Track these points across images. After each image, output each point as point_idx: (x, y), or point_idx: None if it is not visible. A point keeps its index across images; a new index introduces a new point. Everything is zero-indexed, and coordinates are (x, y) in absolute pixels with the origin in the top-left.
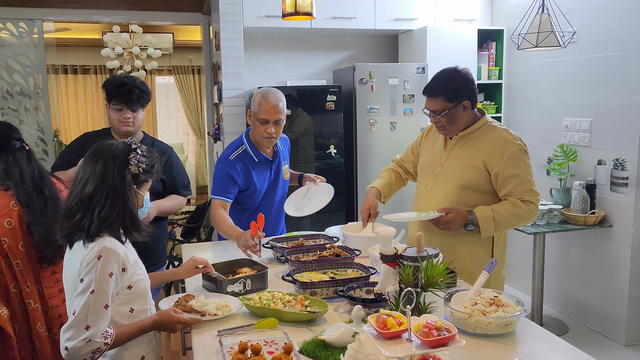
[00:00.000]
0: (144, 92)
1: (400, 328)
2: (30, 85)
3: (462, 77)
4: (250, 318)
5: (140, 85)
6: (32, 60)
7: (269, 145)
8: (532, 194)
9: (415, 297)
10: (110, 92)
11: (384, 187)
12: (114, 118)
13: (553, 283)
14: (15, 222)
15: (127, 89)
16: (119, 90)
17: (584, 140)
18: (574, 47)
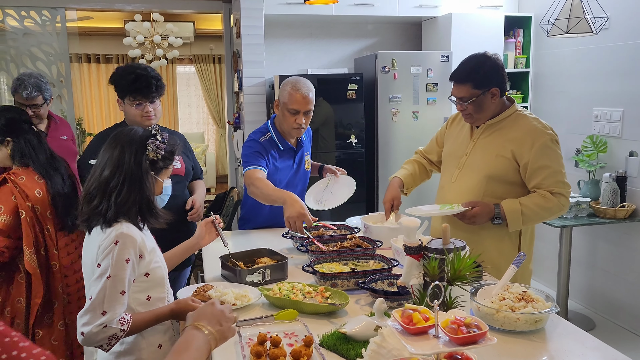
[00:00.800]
0: (159, 81)
1: (427, 324)
2: (54, 73)
3: (492, 62)
4: (269, 309)
5: (155, 74)
6: (55, 48)
7: (296, 136)
8: (562, 185)
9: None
10: (125, 88)
11: (407, 178)
12: (134, 114)
13: (579, 278)
14: (44, 192)
15: (145, 82)
16: (135, 85)
17: (614, 131)
18: (606, 33)
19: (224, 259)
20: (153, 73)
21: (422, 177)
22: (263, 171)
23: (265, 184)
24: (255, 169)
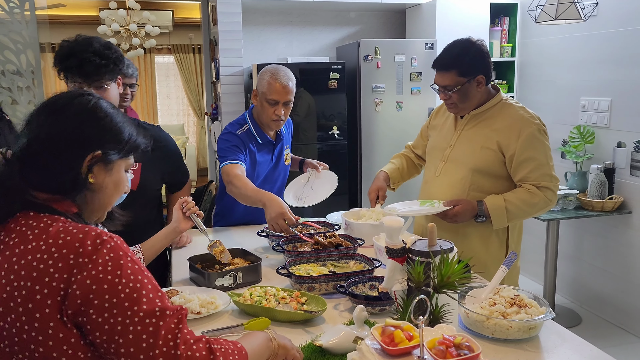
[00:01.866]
0: (106, 59)
1: (410, 344)
2: (23, 63)
3: (477, 49)
4: (241, 316)
5: (101, 49)
6: (25, 37)
7: (275, 128)
8: (549, 179)
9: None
10: (60, 65)
11: (394, 172)
12: None
13: (566, 272)
14: None
15: (77, 60)
16: (67, 62)
17: (602, 121)
18: (595, 20)
19: (192, 260)
20: (96, 47)
21: (411, 172)
22: (242, 166)
23: (245, 184)
24: (234, 163)
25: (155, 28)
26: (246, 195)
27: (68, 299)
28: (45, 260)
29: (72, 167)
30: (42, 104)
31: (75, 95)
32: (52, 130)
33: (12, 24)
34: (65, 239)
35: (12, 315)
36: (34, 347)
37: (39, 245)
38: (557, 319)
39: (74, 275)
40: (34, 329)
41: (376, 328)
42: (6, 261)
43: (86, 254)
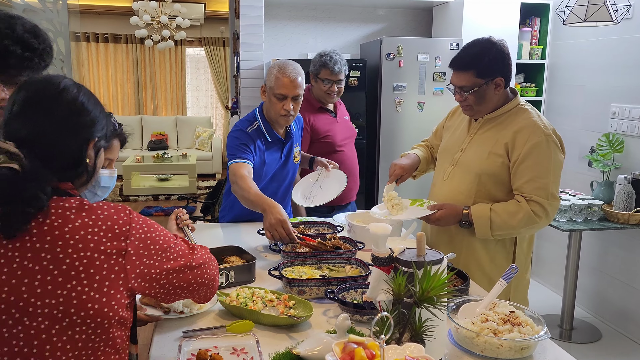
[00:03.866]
0: (31, 50)
1: None
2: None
3: (497, 49)
4: (226, 317)
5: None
6: (56, 25)
7: (285, 124)
8: (543, 194)
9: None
10: None
11: (423, 162)
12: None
13: (588, 284)
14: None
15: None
16: None
17: (633, 130)
18: (629, 23)
19: None
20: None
21: (429, 165)
22: (249, 166)
23: (248, 186)
24: (241, 162)
25: (186, 20)
26: (248, 199)
27: (126, 259)
28: (97, 232)
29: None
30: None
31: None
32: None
33: (44, 12)
34: (104, 214)
35: (72, 282)
36: (90, 305)
37: (85, 223)
38: (576, 333)
39: (123, 241)
40: (95, 290)
41: (338, 344)
42: (60, 238)
43: (125, 224)
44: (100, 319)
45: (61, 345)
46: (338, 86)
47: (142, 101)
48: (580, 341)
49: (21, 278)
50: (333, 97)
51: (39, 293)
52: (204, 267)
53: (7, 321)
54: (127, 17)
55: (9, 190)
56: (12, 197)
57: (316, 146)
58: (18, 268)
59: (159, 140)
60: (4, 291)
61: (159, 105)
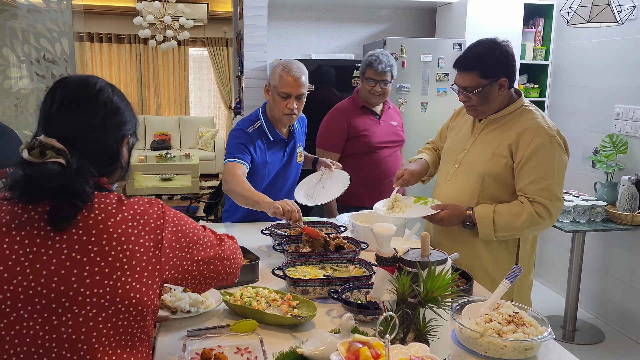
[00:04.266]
0: None
1: None
2: (57, 51)
3: (502, 50)
4: (230, 316)
5: None
6: (60, 25)
7: (288, 123)
8: (547, 195)
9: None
10: None
11: (432, 166)
12: None
13: (591, 286)
14: None
15: None
16: None
17: (637, 131)
18: (633, 24)
19: None
20: None
21: (437, 167)
22: (244, 167)
23: (242, 185)
24: (236, 162)
25: (189, 20)
26: (243, 195)
27: (161, 251)
28: (136, 226)
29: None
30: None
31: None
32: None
33: (49, 12)
34: (140, 209)
35: (117, 273)
36: (132, 294)
37: (125, 217)
38: (579, 334)
39: (159, 234)
40: (136, 280)
41: (343, 343)
42: (104, 232)
43: (159, 217)
44: (140, 307)
45: (105, 331)
46: (382, 86)
47: (145, 101)
48: (583, 342)
49: (70, 269)
50: (377, 97)
51: (88, 283)
52: (233, 258)
53: (56, 309)
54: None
55: (60, 183)
56: (62, 190)
57: (351, 144)
58: (67, 259)
59: (162, 140)
60: (54, 281)
61: (162, 105)
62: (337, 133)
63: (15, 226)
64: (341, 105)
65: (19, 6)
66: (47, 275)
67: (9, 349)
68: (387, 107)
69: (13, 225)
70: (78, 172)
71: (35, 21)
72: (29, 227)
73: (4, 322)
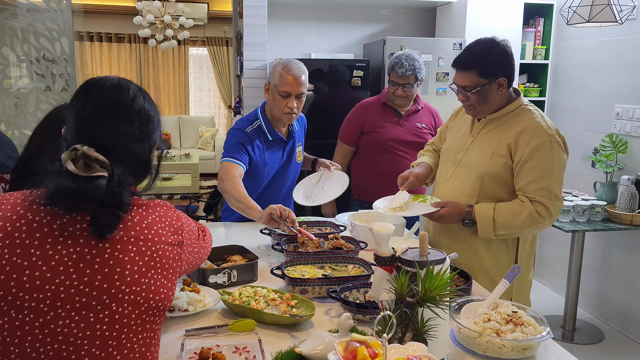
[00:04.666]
0: None
1: None
2: (57, 50)
3: (500, 49)
4: (229, 316)
5: None
6: (59, 25)
7: (288, 122)
8: (547, 195)
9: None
10: None
11: (434, 168)
12: None
13: (591, 285)
14: None
15: None
16: None
17: (636, 131)
18: (633, 24)
19: None
20: None
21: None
22: (241, 168)
23: (237, 189)
24: (233, 163)
25: (189, 20)
26: (238, 200)
27: (182, 249)
28: (164, 227)
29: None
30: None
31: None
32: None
33: (48, 12)
34: (162, 210)
35: (152, 271)
36: (162, 291)
37: (154, 219)
38: (579, 334)
39: (180, 234)
40: (164, 277)
41: (341, 342)
42: (141, 233)
43: (178, 219)
44: (165, 302)
45: (134, 327)
46: (405, 89)
47: None
48: (583, 342)
49: (114, 267)
50: (400, 99)
51: (129, 281)
52: (209, 243)
53: (96, 306)
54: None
55: (106, 197)
56: (106, 203)
57: (364, 138)
58: (110, 259)
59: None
60: (97, 279)
61: (162, 105)
62: (353, 127)
63: (59, 229)
64: (365, 101)
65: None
66: (90, 274)
67: (39, 347)
68: (415, 107)
69: (56, 227)
70: (119, 183)
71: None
72: (74, 231)
73: (39, 321)
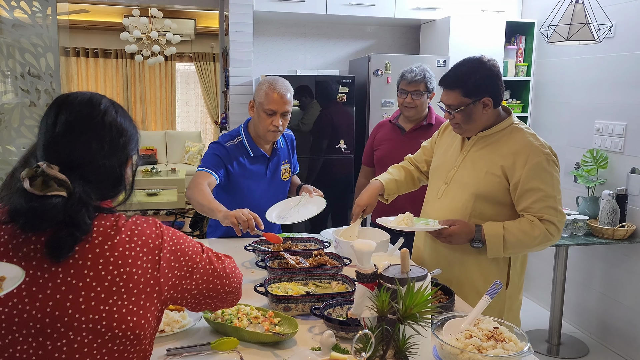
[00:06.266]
0: None
1: None
2: (42, 66)
3: (486, 69)
4: (212, 334)
5: None
6: (45, 40)
7: (272, 139)
8: (554, 213)
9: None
10: None
11: (390, 183)
12: None
13: (575, 299)
14: None
15: None
16: None
17: (616, 146)
18: (611, 42)
19: None
20: None
21: (408, 185)
22: (213, 178)
23: (201, 193)
24: (206, 172)
25: (176, 36)
26: (202, 204)
27: (160, 272)
28: (134, 248)
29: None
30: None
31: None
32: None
33: (34, 27)
34: (138, 229)
35: (114, 297)
36: (129, 319)
37: (122, 239)
38: (564, 348)
39: (157, 254)
40: (133, 304)
41: None
42: (101, 256)
43: (158, 237)
44: (138, 331)
45: (100, 357)
46: (414, 97)
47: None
48: (568, 356)
49: (66, 294)
50: (409, 110)
51: (84, 309)
52: (232, 277)
53: (52, 334)
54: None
55: (61, 218)
56: (62, 223)
57: (374, 156)
58: (62, 284)
59: (147, 155)
60: (49, 305)
61: (148, 120)
62: (368, 147)
63: (13, 250)
64: (381, 121)
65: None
66: (42, 299)
67: None
68: (422, 123)
69: (11, 247)
70: (80, 201)
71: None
72: (27, 252)
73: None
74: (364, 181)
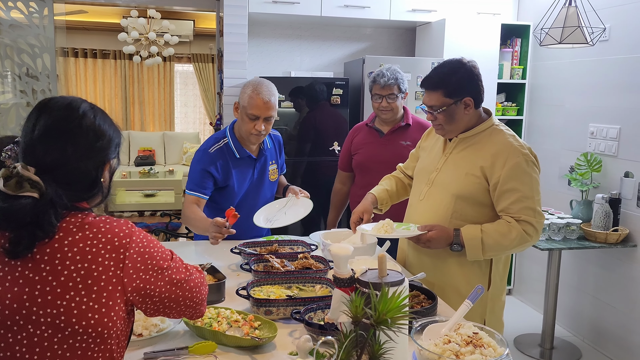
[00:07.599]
0: None
1: None
2: (39, 66)
3: (467, 70)
4: (191, 338)
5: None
6: (42, 41)
7: (255, 142)
8: (532, 213)
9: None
10: None
11: (382, 194)
12: None
13: (568, 303)
14: None
15: None
16: None
17: (610, 150)
18: (605, 45)
19: None
20: None
21: (400, 193)
22: (202, 200)
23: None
24: (194, 195)
25: (174, 37)
26: (195, 226)
27: (123, 271)
28: (96, 245)
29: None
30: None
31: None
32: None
33: (30, 28)
34: (105, 227)
35: (71, 292)
36: (90, 316)
37: (85, 235)
38: (557, 352)
39: (122, 253)
40: (93, 301)
41: None
42: (58, 251)
43: (126, 236)
44: (100, 329)
45: (61, 353)
46: (389, 101)
47: (129, 117)
48: None
49: (23, 287)
50: (385, 113)
51: (40, 302)
52: (196, 290)
53: (12, 327)
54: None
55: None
56: (28, 223)
57: (352, 161)
58: (20, 277)
59: (145, 155)
60: (7, 298)
61: (146, 121)
62: (344, 151)
63: None
64: (357, 124)
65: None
66: (1, 291)
67: None
68: (400, 124)
69: None
70: (51, 203)
71: (17, 36)
72: None
73: None
74: (340, 187)
